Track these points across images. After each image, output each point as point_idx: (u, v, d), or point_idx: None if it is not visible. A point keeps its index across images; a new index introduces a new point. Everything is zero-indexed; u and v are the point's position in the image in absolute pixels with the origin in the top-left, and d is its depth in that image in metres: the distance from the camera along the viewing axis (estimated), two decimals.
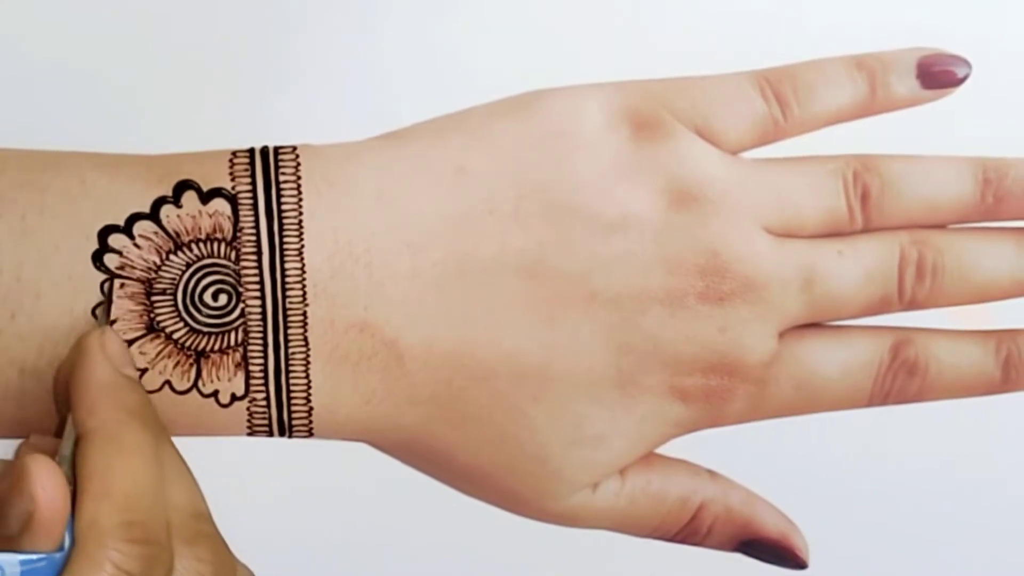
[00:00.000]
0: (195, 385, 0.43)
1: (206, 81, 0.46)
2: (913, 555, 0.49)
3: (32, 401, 0.42)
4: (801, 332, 0.47)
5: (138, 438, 0.40)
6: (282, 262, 0.43)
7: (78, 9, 0.46)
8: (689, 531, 0.47)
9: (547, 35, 0.48)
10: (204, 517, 0.41)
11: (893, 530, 0.49)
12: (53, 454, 0.40)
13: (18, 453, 0.42)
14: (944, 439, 0.49)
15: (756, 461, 0.48)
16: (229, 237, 0.43)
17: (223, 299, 0.43)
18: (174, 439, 0.43)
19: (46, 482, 0.37)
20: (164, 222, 0.43)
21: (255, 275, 0.43)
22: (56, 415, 0.43)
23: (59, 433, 0.42)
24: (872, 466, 0.49)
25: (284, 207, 0.43)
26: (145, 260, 0.43)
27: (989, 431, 0.49)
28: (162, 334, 0.43)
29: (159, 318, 0.43)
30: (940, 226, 0.48)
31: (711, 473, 0.48)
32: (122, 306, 0.42)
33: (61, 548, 0.38)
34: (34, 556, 0.37)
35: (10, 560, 0.37)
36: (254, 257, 0.43)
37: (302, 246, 0.43)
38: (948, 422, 0.48)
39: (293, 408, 0.44)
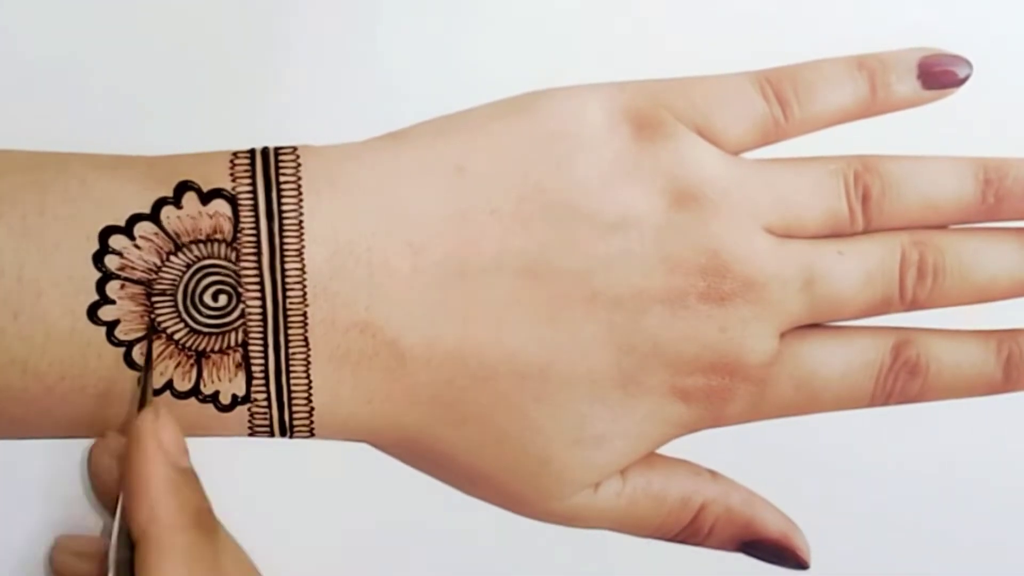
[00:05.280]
0: (196, 386, 0.43)
1: (206, 81, 0.46)
2: (914, 555, 0.49)
3: (33, 401, 0.42)
4: (802, 332, 0.47)
5: (199, 543, 0.40)
6: (282, 262, 0.43)
7: (78, 9, 0.46)
8: (690, 531, 0.47)
9: (547, 35, 0.48)
10: None
11: (894, 530, 0.49)
12: (86, 553, 0.41)
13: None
14: (945, 439, 0.49)
15: (757, 461, 0.48)
16: (229, 238, 0.43)
17: (223, 300, 0.43)
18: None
19: None
20: (164, 223, 0.43)
21: (255, 276, 0.43)
22: (100, 495, 0.43)
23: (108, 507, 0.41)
24: (873, 466, 0.49)
25: (284, 207, 0.43)
26: (145, 261, 0.43)
27: (990, 431, 0.49)
28: (163, 335, 0.43)
29: (160, 319, 0.43)
30: (941, 226, 0.48)
31: (712, 473, 0.48)
32: (123, 307, 0.42)
33: None
34: None
35: None
36: (254, 258, 0.43)
37: (302, 246, 0.43)
38: (949, 422, 0.49)
39: (294, 408, 0.44)
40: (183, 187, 0.43)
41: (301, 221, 0.43)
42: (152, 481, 0.40)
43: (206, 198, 0.43)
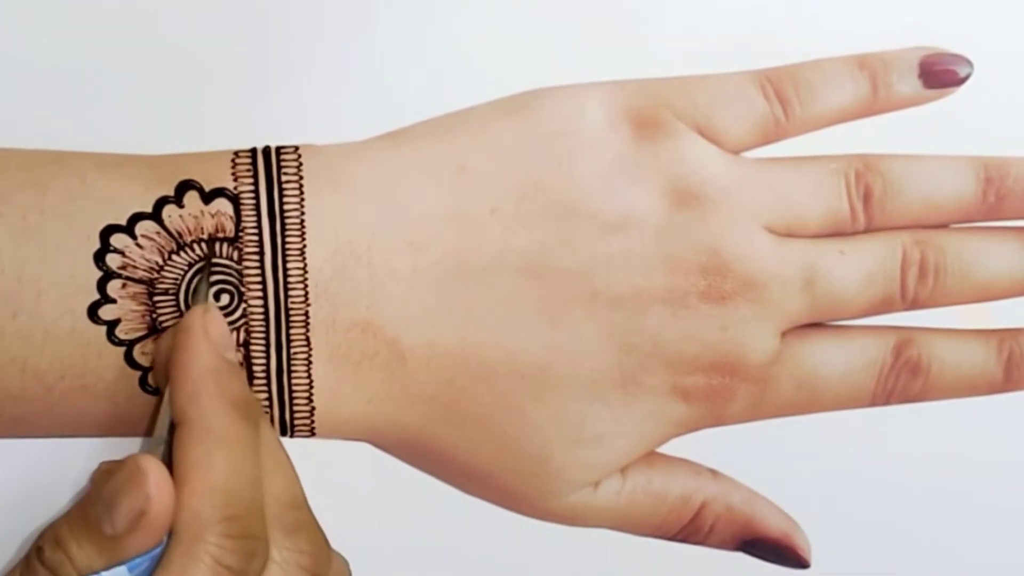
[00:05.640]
0: None
1: (206, 81, 0.46)
2: (914, 555, 0.49)
3: (32, 400, 0.42)
4: (803, 332, 0.47)
5: (238, 430, 0.40)
6: (284, 262, 0.43)
7: (78, 9, 0.46)
8: (691, 530, 0.47)
9: (547, 35, 0.48)
10: (302, 506, 0.42)
11: (895, 530, 0.49)
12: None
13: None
14: (946, 439, 0.49)
15: (758, 461, 0.48)
16: (231, 237, 0.43)
17: (225, 299, 0.43)
18: None
19: (162, 483, 0.38)
20: (166, 222, 0.43)
21: (257, 275, 0.43)
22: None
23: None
24: (874, 466, 0.49)
25: (286, 207, 0.43)
26: (147, 260, 0.42)
27: (991, 431, 0.49)
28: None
29: (161, 318, 0.43)
30: (942, 225, 0.48)
31: (713, 472, 0.48)
32: (124, 306, 0.42)
33: (159, 543, 0.38)
34: (137, 559, 0.38)
35: (120, 572, 0.38)
36: (256, 257, 0.43)
37: (304, 246, 0.43)
38: (950, 422, 0.49)
39: (295, 408, 0.44)
40: (185, 186, 0.43)
41: (303, 220, 0.43)
42: (195, 366, 0.41)
43: (208, 197, 0.43)
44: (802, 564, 0.48)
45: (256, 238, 0.43)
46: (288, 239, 0.43)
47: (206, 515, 0.38)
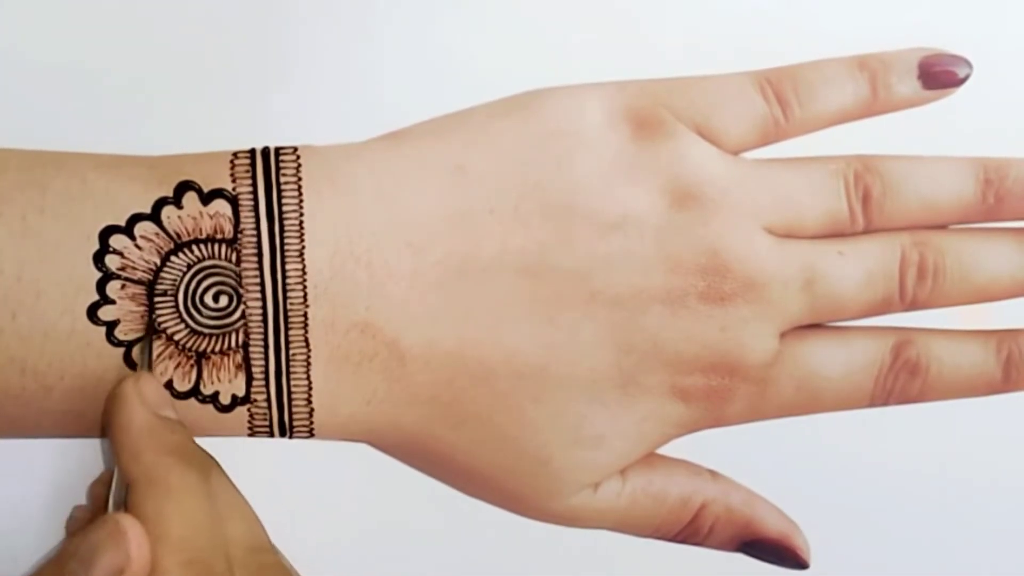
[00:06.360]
0: (196, 386, 0.43)
1: (206, 81, 0.46)
2: (914, 555, 0.49)
3: (32, 400, 0.42)
4: (802, 332, 0.47)
5: (184, 478, 0.40)
6: (283, 263, 0.43)
7: (78, 9, 0.46)
8: (690, 531, 0.47)
9: (547, 35, 0.48)
10: (265, 548, 0.42)
11: (894, 530, 0.49)
12: (105, 496, 0.41)
13: (93, 492, 0.44)
14: (946, 439, 0.49)
15: (757, 461, 0.48)
16: (230, 238, 0.43)
17: (224, 300, 0.43)
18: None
19: (142, 542, 0.38)
20: (165, 223, 0.43)
21: (256, 276, 0.43)
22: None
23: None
24: (874, 466, 0.49)
25: (285, 208, 0.43)
26: (146, 261, 0.43)
27: (990, 431, 0.49)
28: (163, 335, 0.43)
29: (160, 319, 0.43)
30: (941, 226, 0.48)
31: (712, 473, 0.48)
32: (123, 307, 0.42)
33: None
34: None
35: None
36: (255, 258, 0.43)
37: (303, 247, 0.43)
38: (950, 422, 0.48)
39: (294, 409, 0.44)
40: (184, 187, 0.43)
41: (302, 222, 0.43)
42: (132, 426, 0.41)
43: (207, 198, 0.43)
44: (801, 565, 0.48)
45: (255, 239, 0.43)
46: (287, 240, 0.43)
47: (165, 564, 0.38)
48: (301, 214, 0.43)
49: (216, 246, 0.43)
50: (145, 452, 0.40)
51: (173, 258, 0.43)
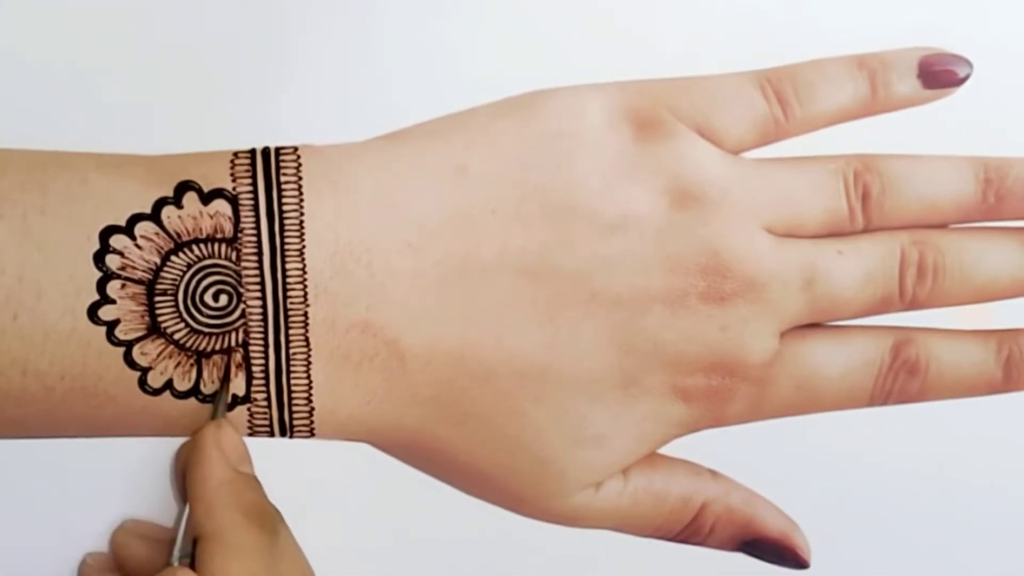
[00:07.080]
0: (196, 386, 0.43)
1: (207, 81, 0.46)
2: (914, 555, 0.49)
3: (33, 401, 0.42)
4: (802, 332, 0.47)
5: (254, 539, 0.41)
6: (283, 263, 0.43)
7: (78, 9, 0.46)
8: (691, 531, 0.47)
9: (547, 35, 0.48)
10: None
11: (894, 530, 0.49)
12: (150, 537, 0.43)
13: (117, 540, 0.45)
14: (946, 439, 0.49)
15: (757, 461, 0.48)
16: (230, 237, 0.43)
17: (224, 300, 0.43)
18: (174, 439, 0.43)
19: None
20: (165, 223, 0.43)
21: (256, 276, 0.43)
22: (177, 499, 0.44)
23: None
24: (874, 466, 0.49)
25: (285, 208, 0.43)
26: (146, 261, 0.43)
27: (990, 431, 0.49)
28: (163, 335, 0.43)
29: (160, 319, 0.43)
30: (941, 226, 0.48)
31: (713, 473, 0.48)
32: (123, 307, 0.42)
33: None
34: None
35: None
36: (255, 258, 0.43)
37: (303, 247, 0.43)
38: (949, 422, 0.48)
39: (294, 409, 0.44)
40: (184, 187, 0.43)
41: (302, 221, 0.43)
42: (210, 480, 0.42)
43: (207, 198, 0.43)
44: (801, 564, 0.48)
45: (255, 239, 0.43)
46: (287, 240, 0.43)
47: None
48: (301, 214, 0.43)
49: (216, 245, 0.43)
50: (219, 508, 0.42)
51: (173, 258, 0.43)
